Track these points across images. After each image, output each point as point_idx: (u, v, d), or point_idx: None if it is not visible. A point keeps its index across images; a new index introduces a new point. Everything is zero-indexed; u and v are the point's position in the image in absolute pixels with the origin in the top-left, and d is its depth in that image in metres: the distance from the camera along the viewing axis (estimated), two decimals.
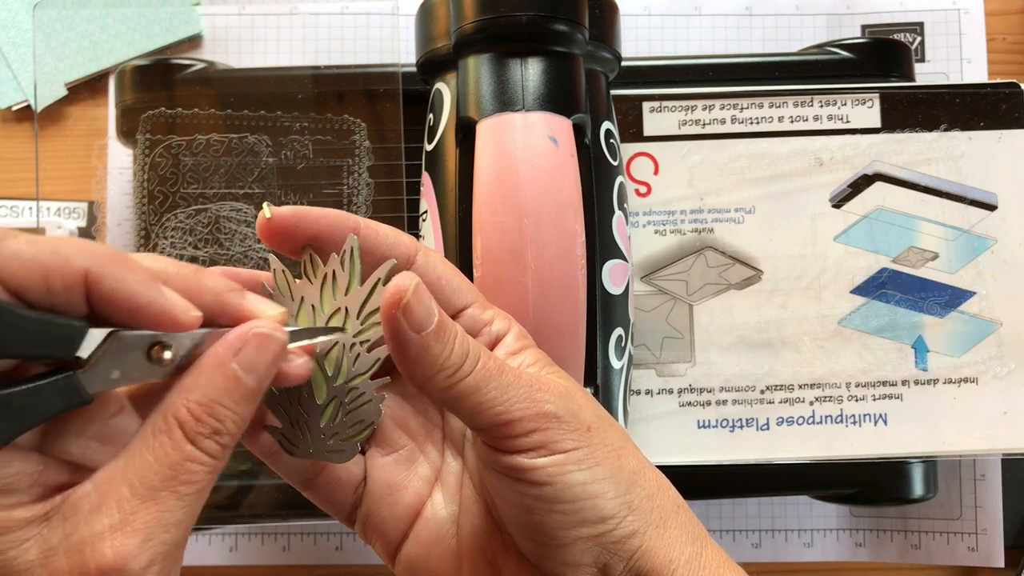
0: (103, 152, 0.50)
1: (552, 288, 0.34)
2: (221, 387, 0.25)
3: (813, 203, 0.44)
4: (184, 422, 0.25)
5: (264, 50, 0.51)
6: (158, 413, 0.25)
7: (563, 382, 0.29)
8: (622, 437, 0.29)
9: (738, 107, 0.44)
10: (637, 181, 0.44)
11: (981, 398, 0.43)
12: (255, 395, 0.26)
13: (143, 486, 0.24)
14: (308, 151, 0.46)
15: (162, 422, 0.25)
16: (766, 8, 0.53)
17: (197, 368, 0.25)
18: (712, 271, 0.44)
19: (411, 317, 0.25)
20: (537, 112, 0.36)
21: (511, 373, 0.27)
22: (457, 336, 0.26)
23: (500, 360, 0.27)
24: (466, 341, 0.27)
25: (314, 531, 0.50)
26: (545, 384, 0.28)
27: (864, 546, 0.50)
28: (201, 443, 0.25)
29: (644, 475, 0.29)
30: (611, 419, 0.29)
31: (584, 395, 0.29)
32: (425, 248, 0.30)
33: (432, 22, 0.38)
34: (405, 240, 0.29)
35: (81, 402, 0.24)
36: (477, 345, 0.27)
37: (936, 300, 0.44)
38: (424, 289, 0.26)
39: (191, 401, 0.25)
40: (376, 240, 0.29)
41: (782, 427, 0.43)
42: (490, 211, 0.35)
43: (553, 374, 0.29)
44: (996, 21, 0.52)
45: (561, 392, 0.28)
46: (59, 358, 0.24)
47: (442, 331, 0.26)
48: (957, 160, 0.44)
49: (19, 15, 0.52)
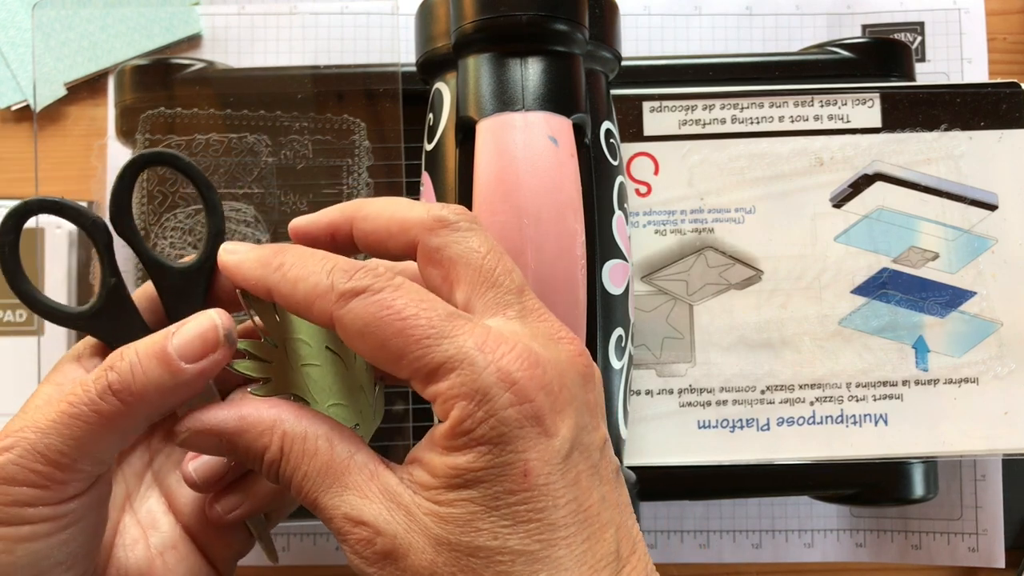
0: (103, 152, 0.50)
1: (552, 288, 0.34)
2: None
3: (813, 203, 0.44)
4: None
5: (264, 50, 0.51)
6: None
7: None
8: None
9: (738, 107, 0.44)
10: (637, 181, 0.44)
11: (982, 398, 0.43)
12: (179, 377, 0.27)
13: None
14: (308, 151, 0.46)
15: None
16: (766, 8, 0.53)
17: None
18: (712, 271, 0.44)
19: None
20: (537, 112, 0.35)
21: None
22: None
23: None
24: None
25: (314, 531, 0.50)
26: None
27: (864, 546, 0.50)
28: (100, 380, 0.26)
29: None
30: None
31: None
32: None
33: (432, 22, 0.38)
34: (401, 241, 0.28)
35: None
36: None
37: (937, 300, 0.44)
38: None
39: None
40: (370, 239, 0.28)
41: (782, 427, 0.43)
42: (490, 211, 0.34)
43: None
44: (997, 21, 0.52)
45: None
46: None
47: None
48: (957, 160, 0.44)
49: (18, 15, 0.52)
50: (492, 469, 0.24)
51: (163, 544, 0.31)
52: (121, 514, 0.31)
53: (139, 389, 0.26)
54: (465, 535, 0.24)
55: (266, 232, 0.45)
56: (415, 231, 0.27)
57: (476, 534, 0.24)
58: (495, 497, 0.24)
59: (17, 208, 0.28)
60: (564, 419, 0.25)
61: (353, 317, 0.25)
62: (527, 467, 0.24)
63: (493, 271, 0.26)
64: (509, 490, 0.24)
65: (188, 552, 0.31)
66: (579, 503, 0.25)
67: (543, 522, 0.24)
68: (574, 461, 0.25)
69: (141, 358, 0.26)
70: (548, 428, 0.25)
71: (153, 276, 0.29)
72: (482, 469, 0.24)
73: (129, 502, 0.32)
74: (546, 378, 0.25)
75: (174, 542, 0.31)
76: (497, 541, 0.24)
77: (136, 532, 0.31)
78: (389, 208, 0.28)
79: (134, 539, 0.31)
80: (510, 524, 0.24)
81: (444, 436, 0.24)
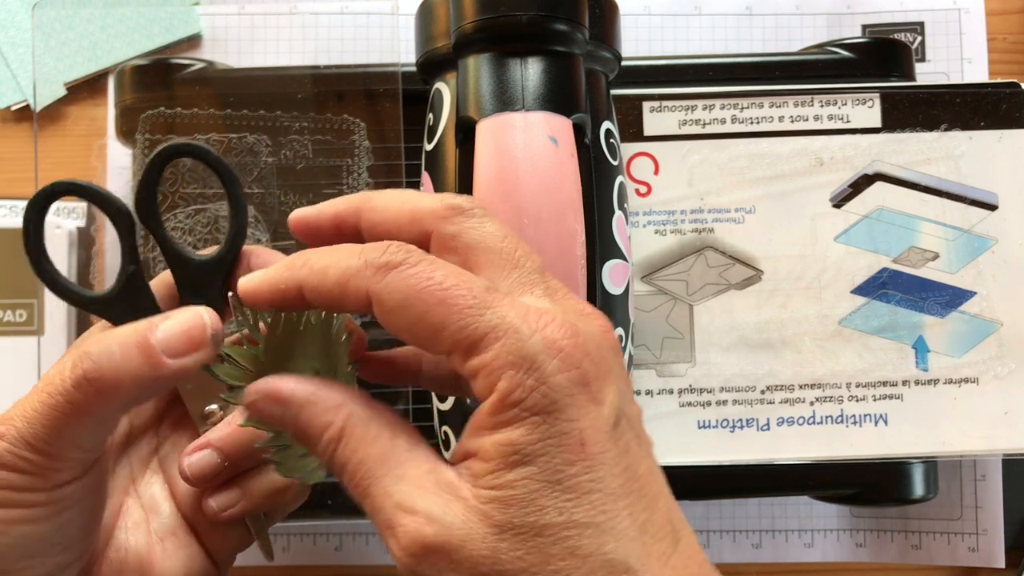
0: (102, 152, 0.50)
1: None
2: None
3: (813, 203, 0.44)
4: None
5: (264, 50, 0.51)
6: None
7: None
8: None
9: (738, 107, 0.44)
10: (637, 181, 0.44)
11: (982, 398, 0.43)
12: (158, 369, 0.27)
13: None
14: (308, 151, 0.46)
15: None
16: (766, 8, 0.53)
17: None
18: (712, 271, 0.44)
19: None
20: (537, 112, 0.35)
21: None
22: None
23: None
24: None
25: (314, 531, 0.50)
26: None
27: (864, 546, 0.50)
28: (77, 368, 0.26)
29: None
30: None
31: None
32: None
33: (432, 22, 0.38)
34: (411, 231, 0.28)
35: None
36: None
37: (937, 300, 0.43)
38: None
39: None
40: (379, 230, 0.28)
41: (782, 427, 0.43)
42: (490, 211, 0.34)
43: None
44: (997, 21, 0.52)
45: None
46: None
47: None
48: (957, 160, 0.44)
49: (18, 15, 0.52)
50: (548, 440, 0.23)
51: (163, 530, 0.31)
52: (124, 496, 0.31)
53: (114, 378, 0.26)
54: (530, 515, 0.23)
55: (266, 232, 0.45)
56: (428, 220, 0.27)
57: (541, 512, 0.23)
58: (555, 471, 0.23)
59: (44, 190, 0.29)
60: (609, 387, 0.24)
61: (392, 290, 0.24)
62: (583, 436, 0.23)
63: (513, 254, 0.26)
64: (568, 461, 0.23)
65: (187, 541, 0.31)
66: (632, 472, 0.24)
67: (603, 492, 0.23)
68: (622, 430, 0.25)
69: (120, 347, 0.26)
70: (596, 395, 0.24)
71: (172, 266, 0.30)
72: (538, 441, 0.23)
73: (134, 486, 0.32)
74: (588, 347, 0.24)
75: (174, 529, 0.31)
76: (563, 516, 0.23)
77: (139, 515, 0.31)
78: (398, 199, 0.28)
79: (136, 522, 0.31)
80: (574, 497, 0.23)
81: (491, 412, 0.23)
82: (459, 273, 0.25)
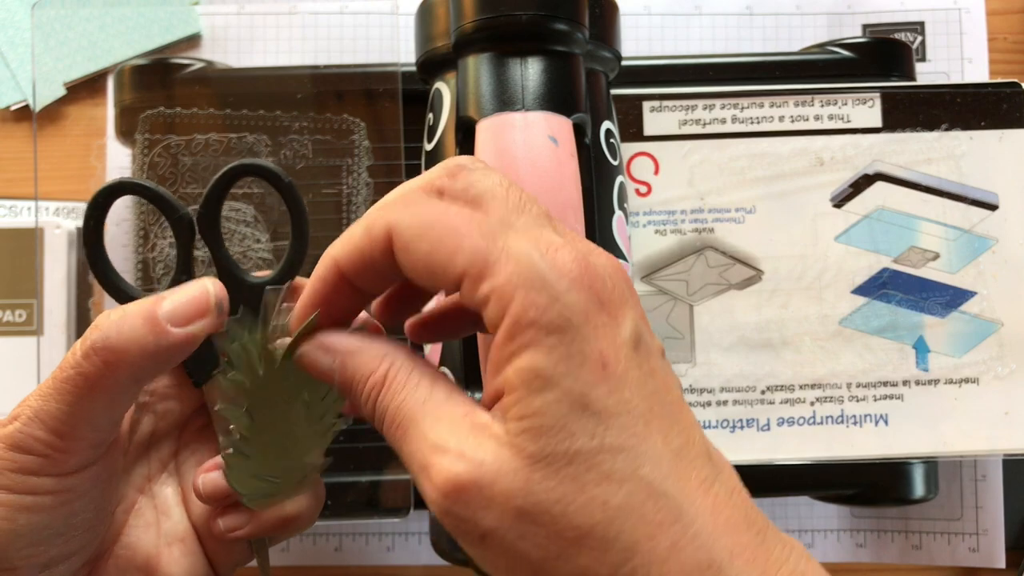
0: (102, 152, 0.50)
1: None
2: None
3: (814, 203, 0.44)
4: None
5: (263, 49, 0.51)
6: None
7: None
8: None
9: (739, 107, 0.44)
10: (637, 181, 0.44)
11: (982, 398, 0.43)
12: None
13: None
14: (307, 151, 0.46)
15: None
16: (766, 7, 0.53)
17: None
18: (712, 271, 0.44)
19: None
20: (537, 112, 0.35)
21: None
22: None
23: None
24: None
25: (313, 532, 0.50)
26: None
27: (865, 547, 0.50)
28: (85, 340, 0.27)
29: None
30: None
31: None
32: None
33: (432, 21, 0.38)
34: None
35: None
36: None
37: (937, 300, 0.43)
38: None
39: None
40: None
41: (783, 427, 0.43)
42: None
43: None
44: (997, 21, 0.52)
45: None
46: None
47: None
48: (958, 160, 0.44)
49: (17, 14, 0.52)
50: (569, 361, 0.23)
51: (172, 534, 0.31)
52: (139, 495, 0.32)
53: (121, 347, 0.27)
54: (561, 443, 0.22)
55: (266, 232, 0.45)
56: (438, 183, 0.27)
57: (572, 439, 0.22)
58: (580, 393, 0.22)
59: (108, 186, 0.29)
60: (625, 311, 0.24)
61: (409, 222, 0.25)
62: (603, 356, 0.23)
63: (520, 200, 0.26)
64: (591, 383, 0.23)
65: (193, 549, 0.31)
66: (660, 397, 0.24)
67: (632, 414, 0.23)
68: (644, 353, 0.24)
69: (127, 317, 0.27)
70: (613, 316, 0.24)
71: (223, 282, 0.30)
72: (559, 363, 0.23)
73: (149, 485, 0.32)
74: (602, 272, 0.24)
75: (183, 535, 0.31)
76: (595, 441, 0.22)
77: (151, 516, 0.32)
78: (405, 184, 0.28)
79: (147, 523, 0.31)
80: (603, 420, 0.22)
81: (506, 338, 0.23)
82: (472, 211, 0.25)
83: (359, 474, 0.44)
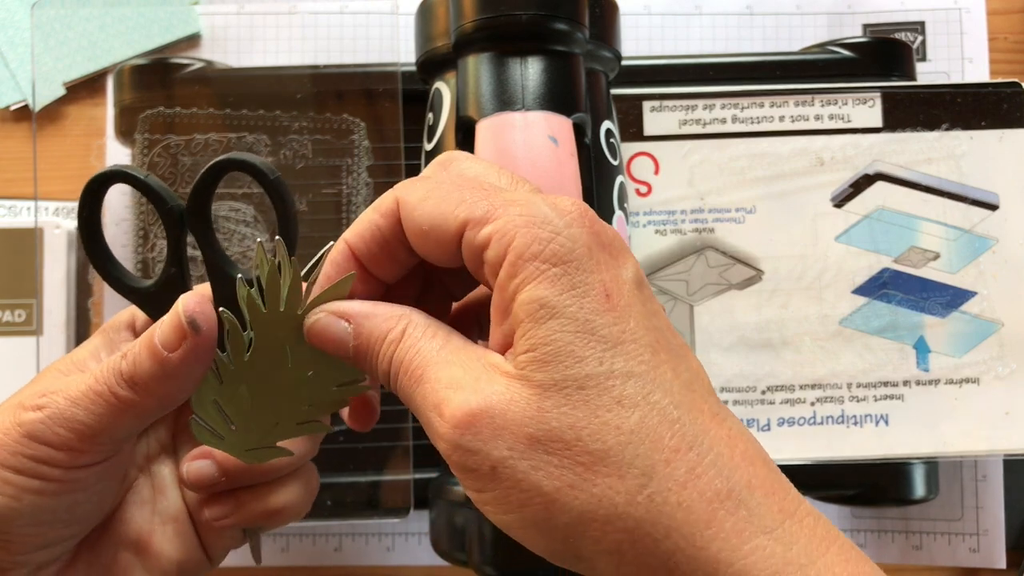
0: (101, 152, 0.50)
1: None
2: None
3: (814, 203, 0.44)
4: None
5: (263, 49, 0.51)
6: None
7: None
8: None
9: (739, 106, 0.44)
10: (637, 181, 0.44)
11: (982, 398, 0.43)
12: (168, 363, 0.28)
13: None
14: (307, 151, 0.46)
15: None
16: (767, 7, 0.53)
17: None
18: (713, 271, 0.44)
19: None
20: (537, 111, 0.35)
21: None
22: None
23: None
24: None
25: (313, 532, 0.50)
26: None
27: (865, 547, 0.50)
28: (117, 367, 0.28)
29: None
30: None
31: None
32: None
33: (432, 21, 0.38)
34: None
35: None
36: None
37: (937, 300, 0.43)
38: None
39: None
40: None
41: (783, 427, 0.43)
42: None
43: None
44: (998, 20, 0.52)
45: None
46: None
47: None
48: (958, 160, 0.44)
49: (17, 14, 0.52)
50: (572, 291, 0.23)
51: (166, 514, 0.32)
52: (138, 473, 0.32)
53: (142, 380, 0.27)
54: (570, 368, 0.22)
55: (266, 232, 0.45)
56: (432, 172, 0.28)
57: (581, 364, 0.22)
58: (585, 320, 0.23)
59: (101, 174, 0.29)
60: (627, 256, 0.24)
61: (414, 189, 0.26)
62: (606, 288, 0.23)
63: (511, 178, 0.27)
64: (596, 311, 0.23)
65: (186, 529, 0.32)
66: (665, 334, 0.24)
67: (639, 343, 0.23)
68: (648, 294, 0.24)
69: (140, 349, 0.28)
70: (615, 256, 0.24)
71: (212, 279, 0.29)
72: (562, 293, 0.23)
73: (148, 464, 0.33)
74: (603, 224, 0.25)
75: (176, 515, 0.32)
76: (604, 366, 0.22)
77: (147, 494, 0.32)
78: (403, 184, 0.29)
79: (143, 500, 0.32)
80: (611, 346, 0.23)
81: (509, 275, 0.23)
82: (473, 181, 0.26)
83: (359, 474, 0.44)
